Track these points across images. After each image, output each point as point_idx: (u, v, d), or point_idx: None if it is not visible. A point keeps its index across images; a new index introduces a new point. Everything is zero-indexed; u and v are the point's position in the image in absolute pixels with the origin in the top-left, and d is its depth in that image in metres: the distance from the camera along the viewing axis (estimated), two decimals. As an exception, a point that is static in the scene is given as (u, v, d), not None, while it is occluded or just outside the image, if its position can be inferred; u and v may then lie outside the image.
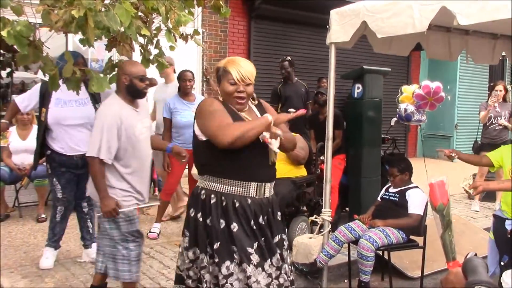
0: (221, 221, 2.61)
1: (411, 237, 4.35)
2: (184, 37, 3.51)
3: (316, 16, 8.91)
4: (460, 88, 12.86)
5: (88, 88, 2.86)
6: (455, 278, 1.27)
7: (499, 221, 3.75)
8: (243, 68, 2.66)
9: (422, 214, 4.28)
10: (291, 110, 2.88)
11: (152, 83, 5.54)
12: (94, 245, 4.60)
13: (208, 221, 2.64)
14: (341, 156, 5.87)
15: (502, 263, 3.45)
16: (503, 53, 5.29)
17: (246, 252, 2.57)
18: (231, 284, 2.56)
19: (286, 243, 2.85)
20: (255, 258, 2.59)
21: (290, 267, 2.83)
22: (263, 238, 2.66)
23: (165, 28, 3.13)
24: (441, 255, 5.24)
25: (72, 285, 4.06)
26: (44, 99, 4.23)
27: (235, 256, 2.59)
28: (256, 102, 2.91)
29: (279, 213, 2.87)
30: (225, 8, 3.51)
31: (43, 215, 5.91)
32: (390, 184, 4.63)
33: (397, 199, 4.38)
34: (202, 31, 8.66)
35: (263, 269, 2.60)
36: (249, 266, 2.57)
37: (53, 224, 4.47)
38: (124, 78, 3.23)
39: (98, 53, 7.24)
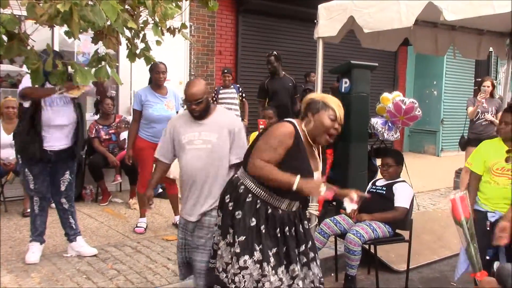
0: (253, 219, 2.84)
1: (397, 231, 4.40)
2: (172, 31, 3.49)
3: (304, 10, 8.91)
4: (446, 83, 12.95)
5: (73, 81, 2.82)
6: (489, 286, 1.31)
7: (479, 215, 3.79)
8: (341, 109, 2.92)
9: (408, 207, 4.32)
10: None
11: None
12: (78, 238, 4.59)
13: (236, 213, 2.87)
14: (329, 151, 5.90)
15: (487, 258, 3.50)
16: (491, 49, 5.33)
17: (268, 253, 2.80)
18: (243, 276, 2.79)
19: (312, 253, 3.02)
20: (272, 260, 2.81)
21: (319, 278, 3.00)
22: (284, 247, 2.89)
23: (152, 22, 3.11)
24: (426, 249, 5.31)
25: (59, 280, 4.04)
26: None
27: (255, 254, 2.79)
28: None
29: (306, 222, 3.10)
30: (212, 2, 3.50)
31: (29, 210, 5.86)
32: (378, 177, 4.66)
33: (384, 192, 4.42)
34: (190, 24, 8.62)
35: (276, 273, 2.81)
36: (268, 265, 2.78)
37: (33, 217, 4.46)
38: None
39: (84, 46, 7.17)
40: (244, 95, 7.94)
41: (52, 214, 4.74)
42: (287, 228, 2.91)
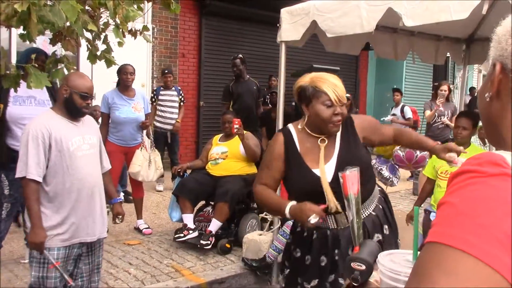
0: (297, 249, 2.49)
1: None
2: (133, 33, 3.46)
3: (267, 14, 8.96)
4: (406, 87, 13.24)
5: (27, 85, 2.74)
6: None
7: (426, 215, 4.11)
8: (338, 87, 2.33)
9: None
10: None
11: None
12: None
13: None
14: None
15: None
16: (448, 54, 5.48)
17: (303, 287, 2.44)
18: None
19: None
20: None
21: None
22: (332, 275, 2.39)
23: (113, 24, 3.06)
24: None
25: (16, 287, 3.93)
26: (1, 93, 4.08)
27: None
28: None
29: (377, 236, 2.47)
30: (174, 5, 3.47)
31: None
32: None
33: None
34: (152, 27, 8.54)
35: None
36: None
37: None
38: (65, 90, 2.84)
39: (43, 48, 7.00)
40: (183, 99, 7.69)
41: (9, 219, 4.60)
42: (336, 251, 2.37)
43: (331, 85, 2.32)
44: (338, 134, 2.46)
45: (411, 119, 8.83)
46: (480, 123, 5.24)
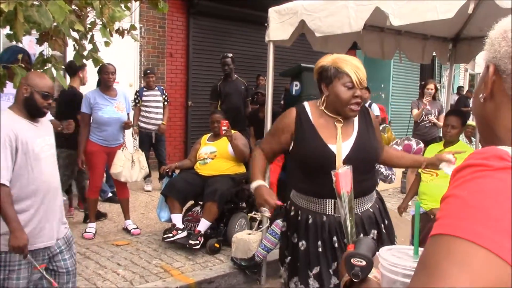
0: (294, 235, 2.46)
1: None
2: (121, 32, 3.44)
3: (255, 13, 8.96)
4: (393, 86, 13.32)
5: (13, 85, 2.72)
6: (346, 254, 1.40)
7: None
8: (360, 69, 2.34)
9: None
10: None
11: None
12: None
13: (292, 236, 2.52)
14: (280, 153, 5.92)
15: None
16: (434, 53, 5.52)
17: (306, 275, 2.39)
18: None
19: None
20: (313, 283, 2.38)
21: None
22: (334, 262, 2.37)
23: (100, 23, 3.05)
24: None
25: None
26: None
27: (294, 279, 2.46)
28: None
29: (373, 232, 2.48)
30: (162, 4, 3.46)
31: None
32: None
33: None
34: (140, 26, 8.50)
35: None
36: None
37: None
38: (25, 89, 2.77)
39: (29, 48, 6.95)
40: (167, 98, 7.63)
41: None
42: (334, 238, 2.35)
43: (354, 67, 2.32)
44: (356, 118, 2.47)
45: (379, 117, 8.89)
46: (468, 121, 5.30)
